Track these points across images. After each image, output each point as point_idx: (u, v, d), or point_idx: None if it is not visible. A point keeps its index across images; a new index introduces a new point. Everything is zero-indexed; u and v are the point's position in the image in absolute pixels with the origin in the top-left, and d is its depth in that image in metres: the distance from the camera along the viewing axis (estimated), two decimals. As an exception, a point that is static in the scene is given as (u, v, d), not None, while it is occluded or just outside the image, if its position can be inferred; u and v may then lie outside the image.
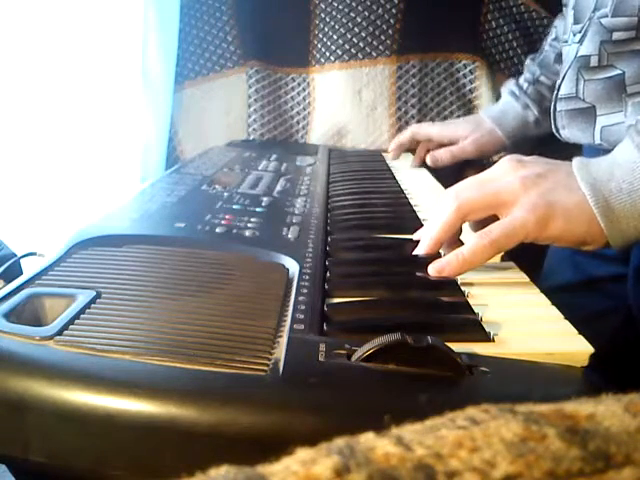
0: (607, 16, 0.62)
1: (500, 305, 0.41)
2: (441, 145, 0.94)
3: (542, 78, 0.90)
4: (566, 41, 0.71)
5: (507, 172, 0.48)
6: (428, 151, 0.95)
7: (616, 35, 0.61)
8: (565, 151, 0.96)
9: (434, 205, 0.53)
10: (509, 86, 0.93)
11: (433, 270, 0.45)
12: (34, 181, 0.89)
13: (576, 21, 0.68)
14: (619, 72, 0.62)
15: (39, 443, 0.28)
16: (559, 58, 0.89)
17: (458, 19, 1.11)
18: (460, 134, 0.92)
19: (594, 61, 0.64)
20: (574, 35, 0.68)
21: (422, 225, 0.59)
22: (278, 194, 0.68)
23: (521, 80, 0.93)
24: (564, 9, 0.89)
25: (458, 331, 0.36)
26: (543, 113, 0.89)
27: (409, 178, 0.85)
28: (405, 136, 0.97)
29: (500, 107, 0.93)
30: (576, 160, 0.48)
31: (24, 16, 0.84)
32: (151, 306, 0.37)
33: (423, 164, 0.96)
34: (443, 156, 0.91)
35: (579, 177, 0.45)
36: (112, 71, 0.96)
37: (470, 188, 0.48)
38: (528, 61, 0.94)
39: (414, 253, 0.49)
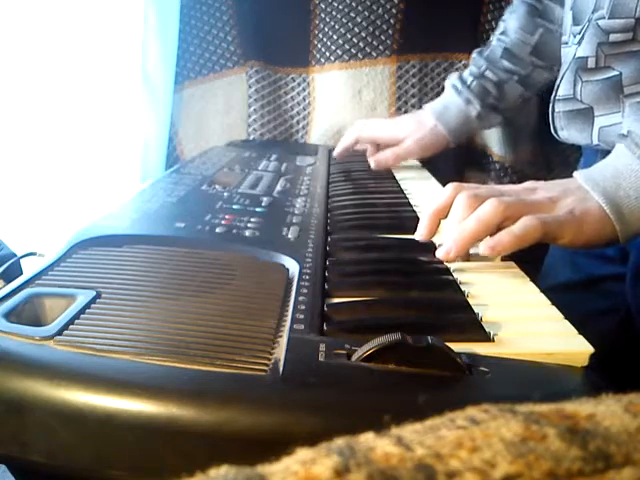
0: (604, 18, 0.62)
1: (500, 305, 0.41)
2: (387, 146, 0.92)
3: (487, 73, 0.88)
4: (566, 42, 0.71)
5: (532, 191, 0.52)
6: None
7: (613, 37, 0.61)
8: (563, 151, 0.96)
9: (434, 195, 0.53)
10: (452, 80, 0.91)
11: (485, 247, 0.46)
12: (34, 181, 0.89)
13: (575, 22, 0.68)
14: (616, 73, 0.62)
15: (39, 443, 0.28)
16: (505, 53, 0.87)
17: (458, 19, 1.11)
18: (402, 136, 0.90)
19: (591, 63, 0.64)
20: (574, 37, 0.68)
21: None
22: (278, 194, 0.68)
23: (466, 73, 0.90)
24: (551, 4, 0.88)
25: (458, 331, 0.36)
26: (485, 108, 0.88)
27: (409, 178, 0.85)
28: (350, 141, 0.93)
29: (443, 102, 0.92)
30: (580, 175, 0.52)
31: (24, 17, 0.84)
32: (151, 306, 0.37)
33: (423, 163, 0.96)
34: (388, 158, 0.90)
35: (590, 189, 0.51)
36: (112, 71, 0.96)
37: (506, 195, 0.50)
38: (475, 54, 0.92)
39: (440, 252, 0.48)
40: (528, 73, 0.86)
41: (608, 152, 0.68)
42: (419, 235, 0.52)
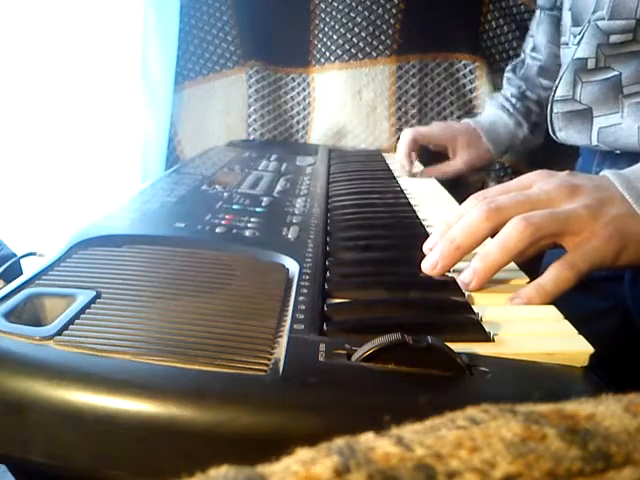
0: (604, 19, 0.61)
1: (500, 305, 0.41)
2: (439, 148, 0.93)
3: (528, 93, 0.90)
4: (566, 43, 0.71)
5: (564, 196, 0.44)
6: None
7: (613, 38, 0.61)
8: (564, 151, 0.96)
9: (453, 210, 0.48)
10: (499, 100, 0.93)
11: (513, 302, 0.41)
12: (34, 181, 0.89)
13: (575, 23, 0.68)
14: (616, 73, 0.62)
15: (39, 443, 0.28)
16: (541, 71, 0.89)
17: (458, 19, 1.11)
18: (456, 143, 0.91)
19: (591, 64, 0.64)
20: (574, 37, 0.68)
21: (422, 224, 0.58)
22: (278, 194, 0.68)
23: (508, 94, 0.92)
24: (543, 11, 0.89)
25: (458, 331, 0.36)
26: (531, 129, 0.91)
27: (409, 178, 0.85)
28: (406, 141, 0.90)
29: (490, 120, 0.92)
30: (618, 179, 0.45)
31: (24, 16, 0.84)
32: (151, 306, 0.37)
33: (424, 163, 0.96)
34: (434, 175, 0.90)
35: (634, 202, 0.43)
36: (112, 71, 0.96)
37: (537, 212, 0.42)
38: (509, 74, 0.93)
39: (460, 280, 0.43)
40: None
41: (607, 153, 0.68)
42: (427, 249, 0.47)
